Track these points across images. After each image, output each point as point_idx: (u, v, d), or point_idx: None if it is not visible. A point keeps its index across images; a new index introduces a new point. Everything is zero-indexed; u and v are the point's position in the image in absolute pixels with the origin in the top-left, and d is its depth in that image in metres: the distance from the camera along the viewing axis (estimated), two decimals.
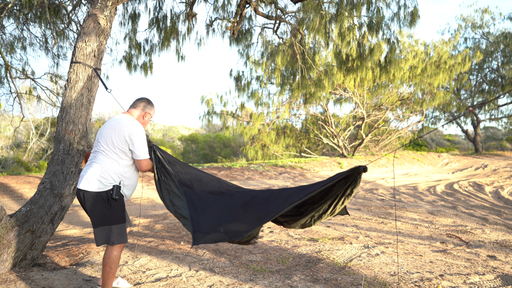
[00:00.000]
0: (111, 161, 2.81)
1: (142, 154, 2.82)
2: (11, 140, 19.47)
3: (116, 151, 2.80)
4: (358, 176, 2.33)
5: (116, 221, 2.80)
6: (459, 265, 3.83)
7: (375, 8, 8.22)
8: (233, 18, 8.20)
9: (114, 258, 2.82)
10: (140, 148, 2.81)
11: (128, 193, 2.94)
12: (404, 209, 7.47)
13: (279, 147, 20.55)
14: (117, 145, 2.79)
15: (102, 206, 2.76)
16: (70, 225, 6.03)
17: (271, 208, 2.47)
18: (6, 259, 3.31)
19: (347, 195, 2.46)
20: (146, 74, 9.05)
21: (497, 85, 26.70)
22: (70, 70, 3.71)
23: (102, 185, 2.76)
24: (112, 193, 2.76)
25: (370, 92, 19.20)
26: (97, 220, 2.77)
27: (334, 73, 11.81)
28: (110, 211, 2.77)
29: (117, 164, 2.81)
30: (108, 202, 2.76)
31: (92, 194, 2.75)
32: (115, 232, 2.78)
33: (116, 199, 2.77)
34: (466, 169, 18.19)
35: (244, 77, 14.72)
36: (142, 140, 2.83)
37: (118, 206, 2.81)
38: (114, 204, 2.78)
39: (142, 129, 2.87)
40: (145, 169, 2.86)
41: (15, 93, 8.72)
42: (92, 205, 2.76)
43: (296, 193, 2.49)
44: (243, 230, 2.38)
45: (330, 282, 3.27)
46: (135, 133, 2.80)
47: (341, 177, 2.34)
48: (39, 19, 7.28)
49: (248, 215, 2.53)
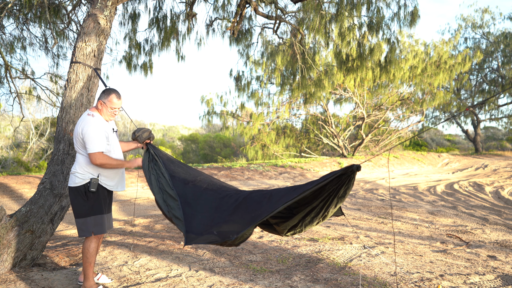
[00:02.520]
0: (82, 156, 2.94)
1: (90, 148, 2.85)
2: (11, 140, 19.46)
3: (80, 147, 2.93)
4: (352, 175, 2.26)
5: (93, 212, 2.92)
6: (459, 265, 3.83)
7: (375, 8, 8.21)
8: (233, 18, 8.20)
9: (90, 249, 2.95)
10: (88, 143, 2.84)
11: (111, 183, 3.02)
12: (404, 209, 7.47)
13: (279, 147, 20.55)
14: (79, 141, 2.91)
15: (81, 199, 2.90)
16: (70, 225, 6.03)
17: (264, 208, 2.38)
18: (6, 259, 3.31)
19: (340, 196, 2.37)
20: (146, 74, 9.05)
21: (497, 85, 26.70)
22: (70, 70, 3.70)
23: (78, 179, 2.90)
24: (89, 186, 2.88)
25: (370, 92, 19.20)
26: (76, 212, 2.92)
27: (334, 73, 11.81)
28: (87, 203, 2.90)
29: (87, 158, 2.91)
30: (86, 194, 2.90)
31: (72, 189, 2.92)
32: (92, 223, 2.91)
33: (92, 191, 2.88)
34: (466, 169, 18.18)
35: (244, 77, 14.73)
36: (90, 134, 2.85)
37: (96, 198, 2.92)
38: (91, 196, 2.90)
39: (90, 123, 2.88)
40: (97, 163, 2.85)
41: (15, 93, 8.72)
42: (72, 199, 2.92)
43: (289, 193, 2.38)
44: (235, 230, 2.33)
45: (330, 282, 3.27)
46: (83, 128, 2.87)
47: (334, 176, 2.26)
48: (39, 19, 7.28)
49: (241, 216, 2.46)
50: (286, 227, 2.58)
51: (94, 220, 2.93)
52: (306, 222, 2.53)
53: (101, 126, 2.94)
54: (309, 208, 2.44)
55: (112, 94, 3.02)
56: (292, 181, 12.46)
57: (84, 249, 2.96)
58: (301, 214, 2.48)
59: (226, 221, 2.47)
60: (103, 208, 2.99)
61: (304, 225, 2.56)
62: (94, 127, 2.89)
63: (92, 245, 2.96)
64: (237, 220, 2.44)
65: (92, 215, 2.92)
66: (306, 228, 2.58)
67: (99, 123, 2.94)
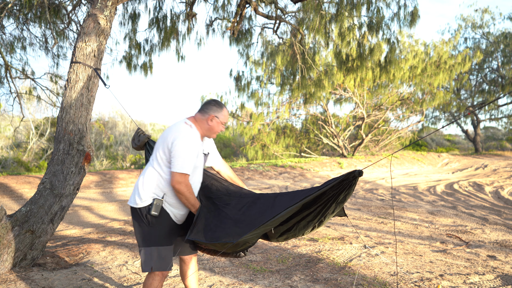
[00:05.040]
0: (154, 171, 2.39)
1: (176, 166, 2.29)
2: (11, 140, 19.47)
3: (159, 160, 2.39)
4: (353, 180, 2.17)
5: (156, 242, 2.36)
6: (459, 265, 3.83)
7: (375, 8, 8.22)
8: (233, 18, 8.20)
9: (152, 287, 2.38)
10: (177, 158, 2.30)
11: (176, 212, 2.41)
12: (404, 209, 7.47)
13: (279, 147, 20.55)
14: (162, 153, 2.38)
15: (142, 223, 2.37)
16: (70, 225, 6.03)
17: (266, 216, 2.27)
18: (6, 259, 3.31)
19: (339, 202, 2.28)
20: (146, 74, 9.05)
21: (497, 85, 26.70)
22: (70, 70, 3.71)
23: (138, 199, 2.36)
24: (150, 208, 2.33)
25: (370, 92, 19.20)
26: (138, 240, 2.41)
27: (334, 73, 11.81)
28: (148, 230, 2.35)
29: (158, 176, 2.38)
30: (146, 218, 2.35)
31: (133, 210, 2.40)
32: (155, 256, 2.34)
33: (154, 215, 2.32)
34: (466, 169, 18.19)
35: (244, 77, 14.72)
36: (183, 149, 2.32)
37: (160, 225, 2.36)
38: (153, 221, 2.34)
39: (189, 137, 2.37)
40: (175, 186, 2.29)
41: (15, 93, 8.72)
42: (134, 222, 2.42)
43: (290, 201, 2.28)
44: (237, 233, 2.29)
45: (330, 282, 3.27)
46: (176, 139, 2.34)
47: (336, 182, 2.17)
48: (39, 19, 7.28)
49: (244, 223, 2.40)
50: (279, 232, 2.47)
51: (157, 252, 2.35)
52: (300, 226, 2.42)
53: (195, 143, 2.41)
54: (306, 212, 2.36)
55: (224, 108, 2.53)
56: (292, 181, 12.46)
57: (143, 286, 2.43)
58: (297, 219, 2.39)
59: (226, 227, 2.41)
60: (168, 238, 2.40)
61: (298, 229, 2.44)
62: (189, 142, 2.36)
63: (153, 283, 2.37)
64: (241, 226, 2.37)
65: (152, 245, 2.35)
66: (300, 234, 2.45)
67: (194, 139, 2.40)
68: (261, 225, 2.20)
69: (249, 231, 2.21)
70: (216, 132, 2.52)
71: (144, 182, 2.38)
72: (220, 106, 2.51)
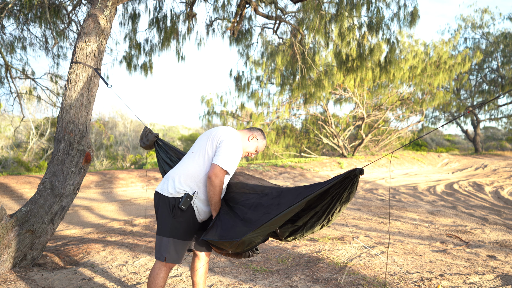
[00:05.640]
0: (193, 163, 2.44)
1: (221, 159, 2.34)
2: (11, 140, 19.47)
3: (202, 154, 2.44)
4: (355, 179, 2.20)
5: (175, 234, 2.40)
6: (459, 265, 3.83)
7: (375, 8, 8.22)
8: (233, 18, 8.21)
9: (157, 280, 2.40)
10: (224, 153, 2.36)
11: (201, 208, 2.45)
12: (404, 209, 7.47)
13: (279, 147, 20.55)
14: (206, 147, 2.44)
15: (167, 213, 2.41)
16: (70, 225, 6.03)
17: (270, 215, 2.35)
18: (6, 259, 3.31)
19: (343, 201, 2.30)
20: (146, 74, 9.06)
21: (497, 85, 26.71)
22: (70, 70, 3.71)
23: (172, 189, 2.40)
24: (180, 201, 2.38)
25: (370, 92, 19.21)
26: (158, 226, 2.47)
27: (334, 73, 11.82)
28: (172, 221, 2.40)
29: (200, 171, 2.42)
30: (173, 210, 2.39)
31: (162, 197, 2.43)
32: (171, 247, 2.39)
33: (182, 209, 2.37)
34: (466, 169, 18.19)
35: (244, 77, 14.72)
36: (232, 147, 2.40)
37: (183, 220, 2.41)
38: (178, 214, 2.39)
39: (238, 140, 2.47)
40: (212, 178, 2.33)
41: (15, 93, 8.72)
42: (159, 208, 2.45)
43: (294, 199, 2.31)
44: (242, 231, 2.32)
45: (330, 282, 3.27)
46: (229, 137, 2.43)
47: (337, 180, 2.21)
48: (39, 19, 7.28)
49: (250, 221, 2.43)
50: (287, 230, 2.50)
51: (174, 244, 2.40)
52: (307, 226, 2.47)
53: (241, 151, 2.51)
54: (312, 212, 2.40)
55: (265, 140, 2.71)
56: (292, 181, 12.46)
57: (150, 276, 2.42)
58: (305, 219, 2.43)
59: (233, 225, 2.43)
60: (187, 234, 2.46)
61: (306, 229, 2.48)
62: (239, 146, 2.47)
63: (160, 274, 2.40)
64: (246, 223, 2.39)
65: (170, 236, 2.39)
66: (307, 233, 2.49)
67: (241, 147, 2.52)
68: (263, 223, 2.23)
69: (253, 229, 2.24)
70: (247, 151, 2.62)
71: (182, 174, 2.42)
72: (264, 137, 2.70)
